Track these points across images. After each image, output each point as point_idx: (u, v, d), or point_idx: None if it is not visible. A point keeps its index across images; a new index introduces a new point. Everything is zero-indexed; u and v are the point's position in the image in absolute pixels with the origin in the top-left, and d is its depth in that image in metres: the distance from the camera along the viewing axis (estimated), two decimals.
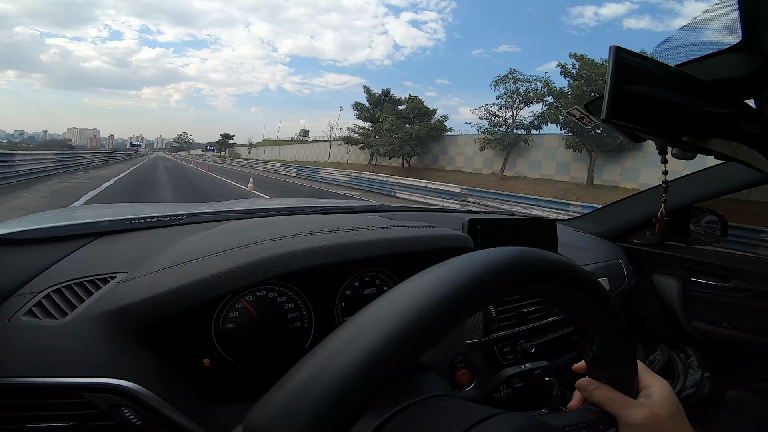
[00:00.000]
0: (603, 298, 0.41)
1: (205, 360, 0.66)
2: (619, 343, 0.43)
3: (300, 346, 0.74)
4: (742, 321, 1.26)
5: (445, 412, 0.45)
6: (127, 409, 0.54)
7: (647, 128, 0.50)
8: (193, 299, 0.58)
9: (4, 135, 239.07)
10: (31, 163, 12.31)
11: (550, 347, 0.96)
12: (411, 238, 0.77)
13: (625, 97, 0.47)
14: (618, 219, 1.56)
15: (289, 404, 0.25)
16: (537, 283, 0.36)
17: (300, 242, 0.68)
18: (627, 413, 0.43)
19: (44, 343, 0.56)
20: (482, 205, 10.91)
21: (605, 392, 0.45)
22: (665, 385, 0.46)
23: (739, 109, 0.59)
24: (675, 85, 0.51)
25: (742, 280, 1.27)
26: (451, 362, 0.79)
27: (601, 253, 1.41)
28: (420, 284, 0.30)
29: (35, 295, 0.62)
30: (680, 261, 1.39)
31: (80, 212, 1.09)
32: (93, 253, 0.74)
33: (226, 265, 0.61)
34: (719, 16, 0.55)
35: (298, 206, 1.20)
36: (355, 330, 0.28)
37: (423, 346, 0.27)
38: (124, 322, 0.58)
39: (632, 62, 0.47)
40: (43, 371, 0.54)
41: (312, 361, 0.27)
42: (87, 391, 0.54)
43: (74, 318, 0.59)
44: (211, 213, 1.01)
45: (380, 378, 0.25)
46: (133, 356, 0.57)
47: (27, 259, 0.69)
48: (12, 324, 0.58)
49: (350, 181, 19.22)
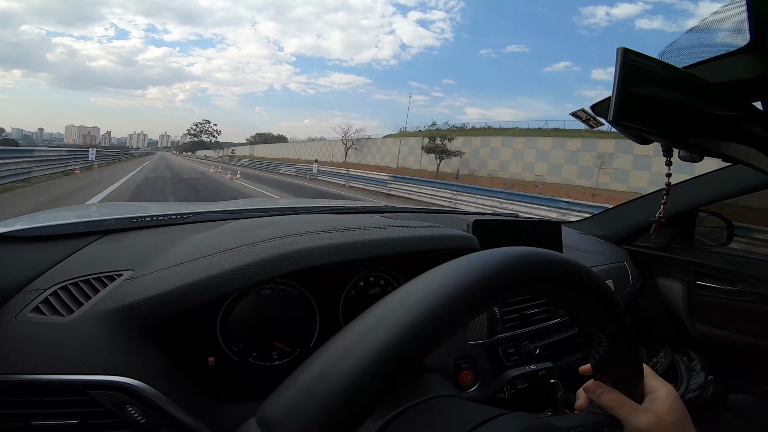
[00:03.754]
0: (611, 302, 0.41)
1: (210, 358, 0.66)
2: (625, 346, 0.43)
3: (305, 345, 0.75)
4: (747, 324, 1.25)
5: (449, 412, 0.45)
6: (131, 407, 0.54)
7: (654, 130, 0.50)
8: (199, 297, 0.59)
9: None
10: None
11: (554, 349, 0.96)
12: (417, 238, 0.77)
13: (632, 99, 0.46)
14: (623, 222, 1.55)
15: (301, 399, 0.25)
16: (545, 284, 0.36)
17: (307, 241, 0.68)
18: (633, 418, 0.43)
19: (50, 340, 0.56)
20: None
21: (613, 396, 0.45)
22: (671, 390, 0.46)
23: (746, 111, 0.58)
24: (682, 87, 0.51)
25: (747, 284, 1.26)
26: (454, 363, 0.79)
27: (605, 255, 1.41)
28: (428, 283, 0.30)
29: (42, 292, 0.62)
30: (685, 264, 1.38)
31: (87, 210, 1.10)
32: (100, 251, 0.75)
33: (233, 263, 0.62)
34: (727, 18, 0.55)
35: (303, 206, 1.20)
36: (364, 327, 0.28)
37: (431, 344, 0.27)
38: (131, 319, 0.58)
39: (640, 64, 0.47)
40: (48, 368, 0.54)
41: (323, 357, 0.27)
42: (92, 388, 0.54)
43: (81, 315, 0.59)
44: (217, 212, 1.01)
45: (389, 375, 0.25)
46: (138, 354, 0.58)
47: (34, 257, 0.69)
48: (19, 321, 0.58)
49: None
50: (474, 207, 10.55)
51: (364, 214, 1.20)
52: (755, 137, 0.57)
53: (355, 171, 20.14)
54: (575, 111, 0.78)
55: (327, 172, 22.23)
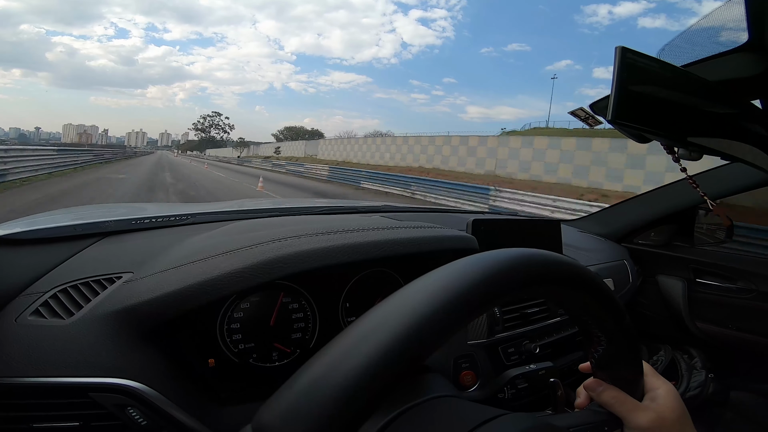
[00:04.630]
0: (610, 300, 0.41)
1: (210, 360, 0.66)
2: (625, 344, 0.43)
3: (304, 346, 0.75)
4: (747, 322, 1.25)
5: (450, 412, 0.45)
6: (132, 409, 0.54)
7: (653, 129, 0.49)
8: (198, 300, 0.59)
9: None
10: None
11: (555, 348, 0.96)
12: (416, 239, 0.77)
13: (631, 98, 0.46)
14: (622, 219, 1.55)
15: (298, 404, 0.25)
16: (544, 284, 0.36)
17: (306, 243, 0.68)
18: (634, 416, 0.43)
19: (51, 343, 0.56)
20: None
21: (613, 394, 0.45)
22: (671, 388, 0.46)
23: (745, 109, 0.58)
24: (681, 86, 0.51)
25: (747, 281, 1.26)
26: (454, 363, 0.79)
27: (605, 253, 1.41)
28: (427, 285, 0.30)
29: (42, 295, 0.62)
30: (685, 262, 1.38)
31: (85, 212, 1.10)
32: (99, 253, 0.75)
33: (232, 265, 0.62)
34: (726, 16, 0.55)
35: (302, 206, 1.20)
36: (364, 329, 0.28)
37: (431, 346, 0.27)
38: (130, 322, 0.58)
39: (638, 63, 0.47)
40: (49, 371, 0.54)
41: (321, 361, 0.27)
42: (93, 390, 0.54)
43: (81, 318, 0.59)
44: (216, 213, 1.01)
45: (389, 378, 0.25)
46: (138, 356, 0.58)
47: (33, 259, 0.69)
48: (19, 324, 0.58)
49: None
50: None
51: (363, 214, 1.20)
52: (754, 135, 0.57)
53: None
54: (574, 110, 0.78)
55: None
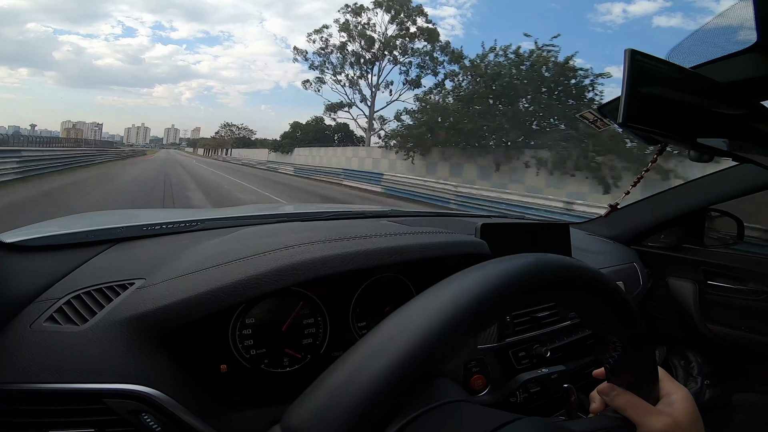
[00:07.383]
0: (624, 305, 0.40)
1: (222, 366, 0.67)
2: (640, 349, 0.43)
3: (315, 351, 0.75)
4: (759, 324, 1.24)
5: (462, 417, 0.45)
6: (147, 415, 0.55)
7: (664, 131, 0.49)
8: (211, 307, 0.59)
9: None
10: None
11: (566, 351, 0.95)
12: (429, 245, 0.77)
13: (641, 101, 0.46)
14: (631, 222, 1.54)
15: (327, 405, 0.25)
16: (558, 289, 0.36)
17: (319, 250, 0.68)
18: (648, 421, 0.43)
19: (65, 349, 0.57)
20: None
21: (628, 398, 0.45)
22: (687, 393, 0.46)
23: (754, 110, 0.58)
24: (691, 87, 0.51)
25: (759, 283, 1.25)
26: (465, 367, 0.79)
27: (615, 256, 1.40)
28: (449, 290, 0.31)
29: (56, 302, 0.63)
30: (696, 264, 1.37)
31: (95, 218, 1.11)
32: (111, 260, 0.75)
33: (245, 273, 0.62)
34: (734, 17, 0.55)
35: (310, 212, 1.21)
36: (389, 333, 0.28)
37: (452, 350, 0.28)
38: (143, 328, 0.59)
39: (647, 65, 0.47)
40: (63, 377, 0.55)
41: (349, 362, 0.28)
42: (107, 397, 0.54)
43: (94, 324, 0.60)
44: (226, 219, 1.02)
45: (413, 380, 0.26)
46: (152, 362, 0.58)
47: (46, 266, 0.70)
48: (33, 330, 0.59)
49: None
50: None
51: (371, 219, 1.20)
52: (764, 136, 0.57)
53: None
54: (582, 112, 0.77)
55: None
